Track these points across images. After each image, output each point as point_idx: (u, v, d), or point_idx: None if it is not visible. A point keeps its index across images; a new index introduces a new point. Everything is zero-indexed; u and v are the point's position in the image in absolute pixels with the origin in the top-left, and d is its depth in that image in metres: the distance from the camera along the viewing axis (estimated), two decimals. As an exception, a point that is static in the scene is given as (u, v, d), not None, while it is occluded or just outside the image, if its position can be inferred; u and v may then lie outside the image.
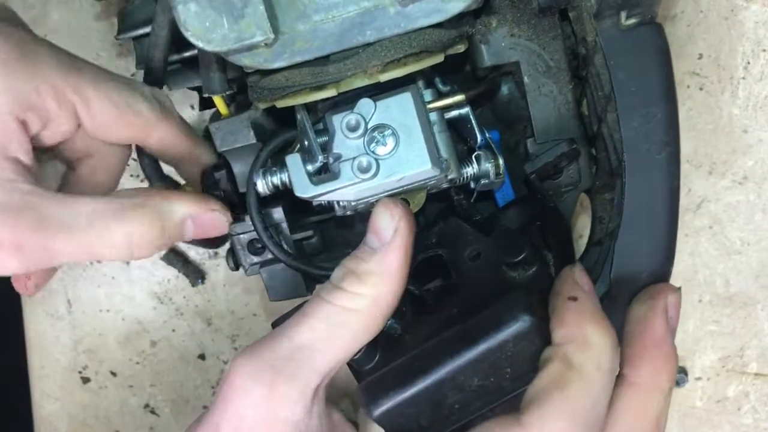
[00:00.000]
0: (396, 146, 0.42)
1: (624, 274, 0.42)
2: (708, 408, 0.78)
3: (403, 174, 0.42)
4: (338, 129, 0.42)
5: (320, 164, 0.43)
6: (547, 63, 0.47)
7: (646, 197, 0.42)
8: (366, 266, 0.42)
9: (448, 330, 0.41)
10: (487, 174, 0.48)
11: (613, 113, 0.44)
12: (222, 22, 0.35)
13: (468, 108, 0.47)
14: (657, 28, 0.42)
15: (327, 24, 0.37)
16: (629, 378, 0.43)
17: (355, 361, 0.44)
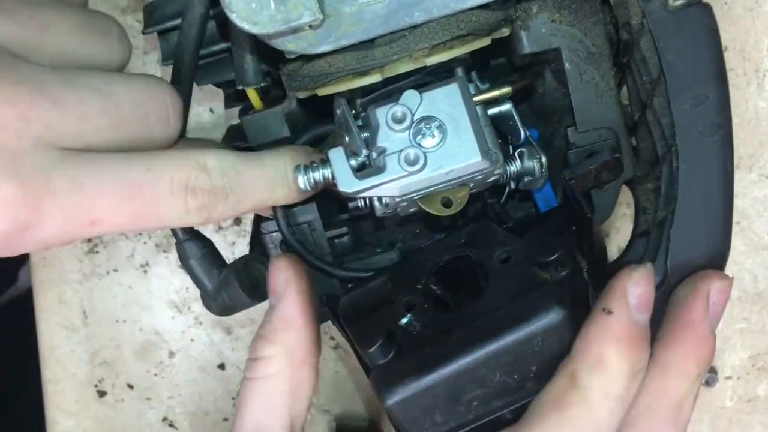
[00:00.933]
0: (443, 138, 0.41)
1: (680, 262, 0.41)
2: (738, 408, 0.76)
3: (452, 167, 0.41)
4: (383, 122, 0.41)
5: (364, 158, 0.42)
6: (589, 49, 0.46)
7: (701, 181, 0.41)
8: (270, 326, 0.43)
9: (473, 323, 0.40)
10: (532, 171, 0.46)
11: (661, 97, 0.43)
12: (269, 2, 0.34)
13: (510, 104, 0.46)
14: (706, 8, 0.41)
15: (374, 6, 0.36)
16: (656, 357, 0.40)
17: (368, 355, 0.42)
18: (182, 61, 0.46)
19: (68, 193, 0.34)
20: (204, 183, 0.38)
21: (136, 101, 0.38)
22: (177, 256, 0.71)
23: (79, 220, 0.35)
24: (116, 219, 0.36)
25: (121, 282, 0.75)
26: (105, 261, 0.74)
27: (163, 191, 0.37)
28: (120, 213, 0.36)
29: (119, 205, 0.36)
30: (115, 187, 0.35)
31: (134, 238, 0.74)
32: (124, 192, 0.36)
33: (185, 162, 0.38)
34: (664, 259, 0.41)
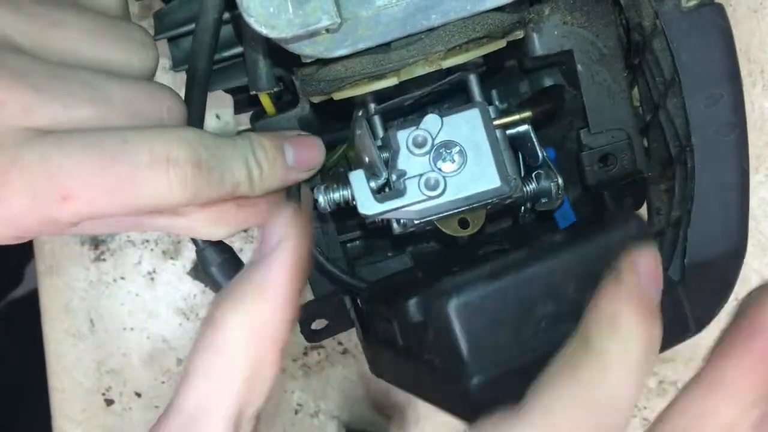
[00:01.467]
0: (464, 163, 0.41)
1: (698, 261, 0.41)
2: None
3: (471, 192, 0.41)
4: (403, 145, 0.41)
5: (384, 181, 0.42)
6: (601, 50, 0.46)
7: (718, 181, 0.41)
8: (243, 286, 0.35)
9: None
10: (549, 193, 0.46)
11: (674, 98, 0.43)
12: (287, 6, 0.34)
13: (528, 125, 0.46)
14: (719, 8, 0.41)
15: (391, 9, 0.36)
16: (701, 375, 0.33)
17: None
18: (196, 68, 0.45)
19: (36, 166, 0.33)
20: (185, 154, 0.36)
21: (128, 99, 0.37)
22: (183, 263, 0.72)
23: (49, 194, 0.34)
24: (89, 192, 0.34)
25: (128, 289, 0.74)
26: (112, 268, 0.74)
27: (140, 162, 0.35)
28: (92, 185, 0.34)
29: (90, 176, 0.34)
30: (86, 157, 0.34)
31: (141, 245, 0.73)
32: (96, 162, 0.34)
33: (165, 134, 0.36)
34: (681, 259, 0.41)
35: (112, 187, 0.34)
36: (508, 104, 0.47)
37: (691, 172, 0.42)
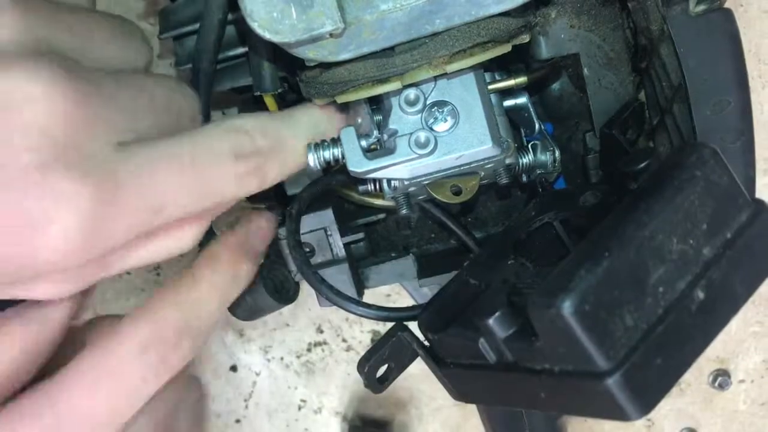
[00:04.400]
0: (455, 124, 0.41)
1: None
2: (752, 411, 0.76)
3: (462, 152, 0.41)
4: (395, 104, 0.41)
5: (375, 140, 0.42)
6: (608, 54, 0.45)
7: (723, 189, 0.40)
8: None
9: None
10: (544, 165, 0.46)
11: (681, 103, 0.42)
12: (290, 11, 0.34)
13: (526, 96, 0.46)
14: (727, 14, 0.41)
15: (395, 13, 0.36)
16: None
17: (487, 329, 0.35)
18: (200, 68, 0.45)
19: (131, 182, 0.34)
20: (248, 146, 0.38)
21: (169, 99, 0.38)
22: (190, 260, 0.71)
23: (146, 207, 0.34)
24: (178, 200, 0.35)
25: (134, 284, 0.74)
26: (117, 263, 0.74)
27: (212, 161, 0.36)
28: (180, 192, 0.35)
29: (177, 184, 0.35)
30: (170, 165, 0.35)
31: (146, 241, 0.74)
32: (177, 169, 0.35)
33: (225, 130, 0.37)
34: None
35: (195, 190, 0.36)
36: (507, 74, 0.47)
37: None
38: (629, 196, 0.34)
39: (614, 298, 0.31)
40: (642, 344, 0.31)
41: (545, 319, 0.31)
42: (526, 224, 0.41)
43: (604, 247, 0.31)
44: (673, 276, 0.32)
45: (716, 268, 0.32)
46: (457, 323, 0.38)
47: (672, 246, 0.32)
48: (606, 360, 0.30)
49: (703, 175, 0.33)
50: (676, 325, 0.31)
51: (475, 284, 0.40)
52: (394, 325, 0.42)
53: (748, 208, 0.33)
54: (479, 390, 0.38)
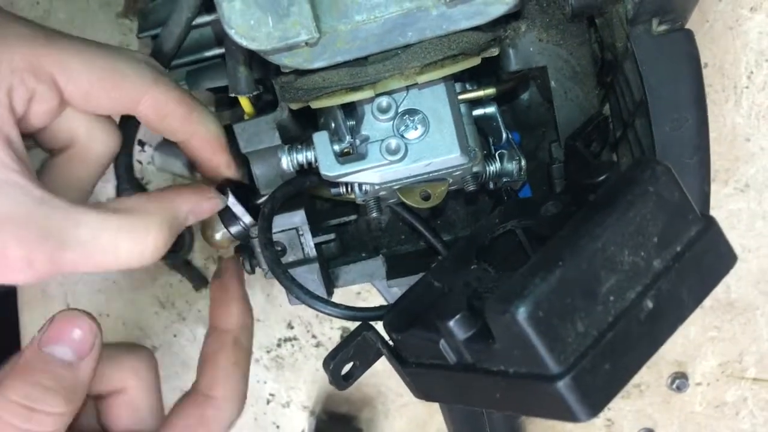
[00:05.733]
0: (425, 132, 0.43)
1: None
2: (707, 413, 0.79)
3: (431, 159, 0.43)
4: (368, 111, 0.43)
5: (347, 145, 0.43)
6: (574, 68, 0.47)
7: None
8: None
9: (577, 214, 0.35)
10: (510, 173, 0.48)
11: (642, 118, 0.44)
12: (267, 20, 0.35)
13: (495, 106, 0.47)
14: (688, 34, 0.42)
15: (369, 25, 0.37)
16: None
17: (448, 330, 0.36)
18: (161, 50, 0.46)
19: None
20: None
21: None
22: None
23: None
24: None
25: (105, 276, 0.75)
26: (90, 255, 0.75)
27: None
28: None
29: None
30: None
31: (120, 234, 0.74)
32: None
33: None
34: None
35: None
36: (476, 85, 0.49)
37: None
38: (585, 208, 0.35)
39: (566, 306, 0.32)
40: (592, 350, 0.33)
41: (501, 323, 0.33)
42: (490, 231, 0.43)
43: (558, 257, 0.33)
44: (624, 286, 0.34)
45: (665, 280, 0.34)
46: (420, 324, 0.39)
47: (623, 257, 0.34)
48: (557, 364, 0.32)
49: (655, 191, 0.34)
50: (625, 333, 0.33)
51: (439, 287, 0.41)
52: (359, 325, 0.43)
53: (698, 223, 0.35)
54: (440, 389, 0.40)
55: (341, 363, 0.42)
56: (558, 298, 0.32)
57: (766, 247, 0.73)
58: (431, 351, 0.38)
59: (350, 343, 0.42)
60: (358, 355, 0.43)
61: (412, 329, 0.39)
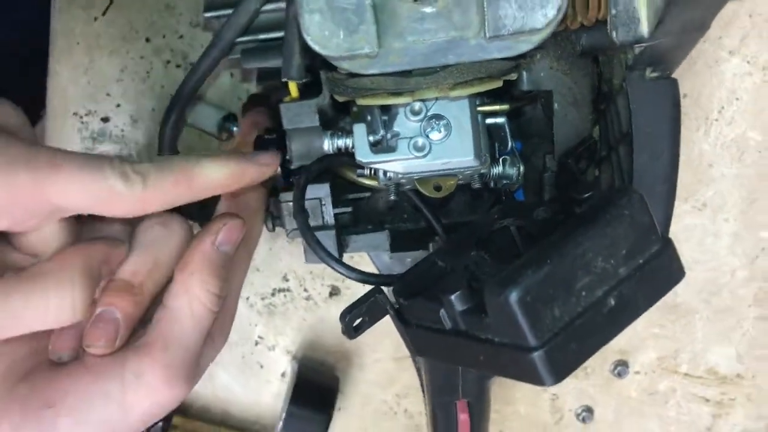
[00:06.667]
0: (447, 135, 0.51)
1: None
2: (641, 399, 0.89)
3: (449, 159, 0.51)
4: (402, 111, 0.51)
5: (380, 137, 0.51)
6: (575, 95, 0.55)
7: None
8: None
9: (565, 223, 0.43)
10: (510, 177, 0.56)
11: (626, 146, 0.53)
12: (339, 33, 0.42)
13: (505, 118, 0.56)
14: (673, 83, 0.51)
15: (418, 45, 0.45)
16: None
17: (449, 303, 0.45)
18: (222, 38, 0.53)
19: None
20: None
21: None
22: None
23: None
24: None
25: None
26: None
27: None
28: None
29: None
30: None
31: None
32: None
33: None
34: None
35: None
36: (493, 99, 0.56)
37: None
38: (573, 218, 0.44)
39: (548, 295, 0.41)
40: (563, 332, 0.41)
41: (496, 302, 0.41)
42: (489, 225, 0.51)
43: (548, 256, 0.41)
44: (594, 285, 0.42)
45: (627, 285, 0.43)
46: (424, 295, 0.48)
47: (597, 263, 0.42)
48: (535, 339, 0.41)
49: (629, 214, 0.43)
50: (590, 322, 0.42)
51: (442, 266, 0.50)
52: (372, 288, 0.51)
53: (659, 243, 0.44)
54: (433, 348, 0.49)
55: (354, 317, 0.51)
56: (543, 288, 0.41)
57: (712, 262, 0.83)
58: (431, 317, 0.46)
59: (364, 302, 0.50)
60: (368, 312, 0.51)
61: (417, 298, 0.48)
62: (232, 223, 0.51)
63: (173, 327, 0.48)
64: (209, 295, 0.48)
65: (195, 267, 0.49)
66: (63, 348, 0.48)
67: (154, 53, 0.75)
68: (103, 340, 0.47)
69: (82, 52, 0.75)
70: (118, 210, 0.46)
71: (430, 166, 0.51)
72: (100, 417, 0.46)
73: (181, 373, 0.47)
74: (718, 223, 0.83)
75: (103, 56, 0.75)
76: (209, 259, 0.49)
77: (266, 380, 0.88)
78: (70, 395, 0.46)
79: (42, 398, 0.46)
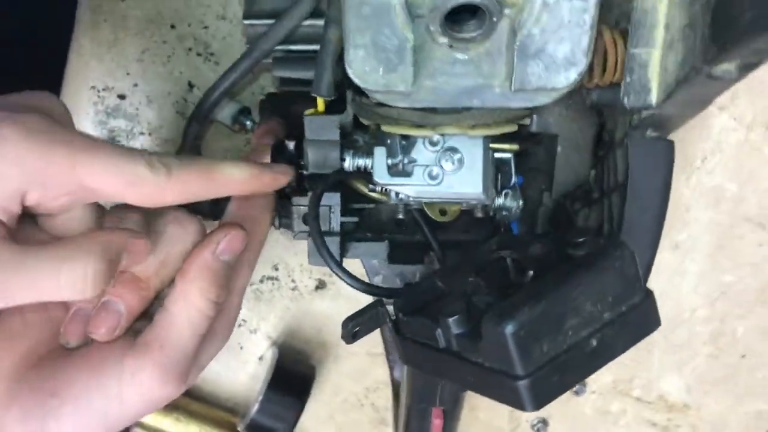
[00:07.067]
0: (460, 168, 0.55)
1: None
2: (594, 417, 0.95)
3: (459, 191, 0.55)
4: (421, 141, 0.55)
5: (398, 161, 0.55)
6: (579, 142, 0.60)
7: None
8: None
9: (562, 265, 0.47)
10: (510, 209, 0.61)
11: (619, 196, 0.57)
12: (378, 70, 0.46)
13: (511, 155, 0.60)
14: (670, 145, 0.55)
15: (447, 87, 0.48)
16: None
17: (445, 326, 0.48)
18: (258, 48, 0.56)
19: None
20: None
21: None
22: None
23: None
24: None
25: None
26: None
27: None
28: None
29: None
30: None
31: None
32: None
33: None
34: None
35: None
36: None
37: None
38: (570, 263, 0.48)
39: (540, 331, 0.46)
40: (548, 365, 0.46)
41: (493, 332, 0.46)
42: (487, 254, 0.56)
43: (544, 296, 0.46)
44: (581, 326, 0.47)
45: (609, 329, 0.48)
46: (423, 313, 0.52)
47: (586, 306, 0.47)
48: (522, 369, 0.45)
49: (619, 266, 0.48)
50: (573, 359, 0.47)
51: (441, 287, 0.54)
52: (375, 301, 0.55)
53: (642, 294, 0.49)
54: (423, 361, 0.53)
55: (355, 325, 0.55)
56: (536, 325, 0.45)
57: (676, 299, 0.89)
58: (427, 334, 0.51)
59: (366, 312, 0.55)
60: (368, 321, 0.55)
61: (417, 315, 0.52)
62: (234, 233, 0.54)
63: (170, 330, 0.51)
64: (207, 303, 0.52)
65: (195, 275, 0.52)
66: (72, 334, 0.52)
67: (177, 39, 0.78)
68: (103, 330, 0.51)
69: (108, 29, 0.77)
70: (143, 196, 0.49)
71: (441, 194, 0.55)
72: (98, 408, 0.49)
73: (175, 374, 0.50)
74: (687, 263, 0.88)
75: (128, 36, 0.77)
76: (209, 267, 0.52)
77: (244, 361, 0.92)
78: (74, 387, 0.49)
79: (49, 387, 0.50)
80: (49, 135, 0.47)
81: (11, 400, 0.49)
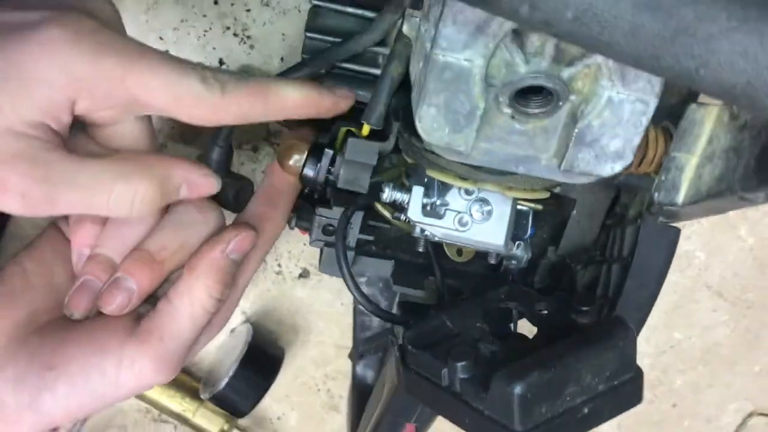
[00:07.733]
0: (487, 218, 0.58)
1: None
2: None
3: (482, 240, 0.59)
4: (456, 188, 0.58)
5: (432, 201, 0.58)
6: (593, 210, 0.64)
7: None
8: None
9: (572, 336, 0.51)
10: (520, 259, 0.65)
11: (621, 268, 0.62)
12: (445, 129, 0.49)
13: (531, 211, 0.64)
14: (677, 232, 0.60)
15: (500, 152, 0.51)
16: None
17: (453, 370, 0.51)
18: (320, 59, 0.58)
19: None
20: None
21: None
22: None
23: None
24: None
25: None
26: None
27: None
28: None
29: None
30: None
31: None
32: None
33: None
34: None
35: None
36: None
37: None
38: (579, 336, 0.53)
39: (542, 395, 0.50)
40: (543, 425, 0.50)
41: (502, 388, 0.50)
42: (495, 302, 0.60)
43: (553, 364, 0.50)
44: (577, 394, 0.51)
45: (600, 399, 0.52)
46: (432, 352, 0.55)
47: (585, 377, 0.51)
48: (521, 426, 0.50)
49: (621, 345, 0.52)
50: (565, 422, 0.51)
51: (451, 328, 0.57)
52: (387, 329, 0.59)
53: (633, 371, 0.54)
54: (422, 393, 0.57)
55: (367, 349, 0.58)
56: (541, 389, 0.49)
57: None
58: (432, 371, 0.54)
59: (378, 339, 0.58)
60: (377, 346, 0.59)
61: (425, 351, 0.55)
62: (245, 233, 0.56)
63: (171, 322, 0.52)
64: (210, 300, 0.53)
65: (201, 271, 0.53)
66: (77, 306, 0.52)
67: (217, 16, 0.78)
68: (114, 306, 0.52)
69: (151, -8, 0.77)
70: (194, 114, 0.48)
71: (464, 239, 0.58)
72: (94, 388, 0.51)
73: (171, 363, 0.52)
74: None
75: (168, 2, 0.77)
76: (217, 265, 0.53)
77: (215, 331, 0.94)
78: (72, 364, 0.51)
79: (47, 358, 0.51)
80: (98, 40, 0.44)
81: (7, 359, 0.50)
